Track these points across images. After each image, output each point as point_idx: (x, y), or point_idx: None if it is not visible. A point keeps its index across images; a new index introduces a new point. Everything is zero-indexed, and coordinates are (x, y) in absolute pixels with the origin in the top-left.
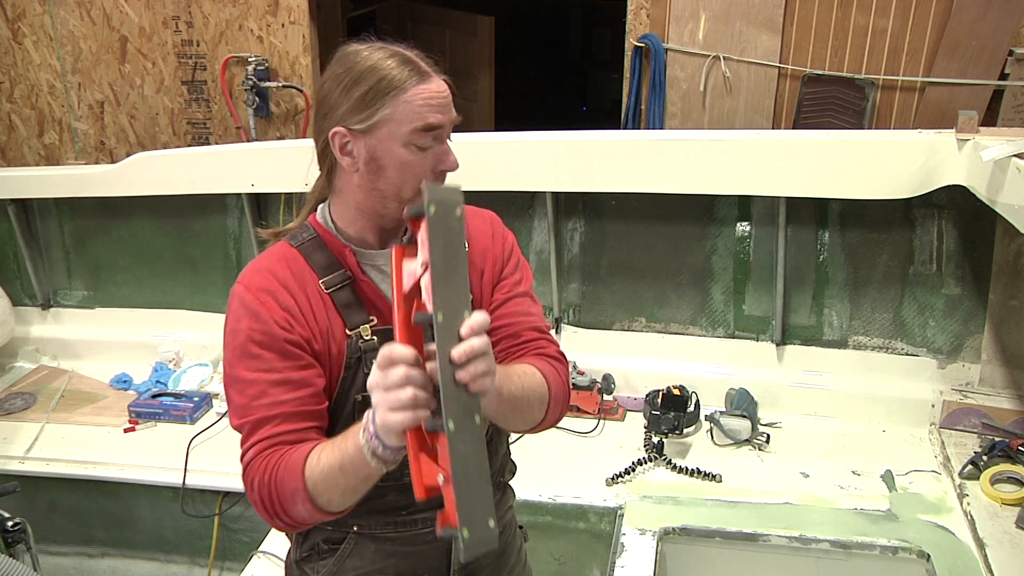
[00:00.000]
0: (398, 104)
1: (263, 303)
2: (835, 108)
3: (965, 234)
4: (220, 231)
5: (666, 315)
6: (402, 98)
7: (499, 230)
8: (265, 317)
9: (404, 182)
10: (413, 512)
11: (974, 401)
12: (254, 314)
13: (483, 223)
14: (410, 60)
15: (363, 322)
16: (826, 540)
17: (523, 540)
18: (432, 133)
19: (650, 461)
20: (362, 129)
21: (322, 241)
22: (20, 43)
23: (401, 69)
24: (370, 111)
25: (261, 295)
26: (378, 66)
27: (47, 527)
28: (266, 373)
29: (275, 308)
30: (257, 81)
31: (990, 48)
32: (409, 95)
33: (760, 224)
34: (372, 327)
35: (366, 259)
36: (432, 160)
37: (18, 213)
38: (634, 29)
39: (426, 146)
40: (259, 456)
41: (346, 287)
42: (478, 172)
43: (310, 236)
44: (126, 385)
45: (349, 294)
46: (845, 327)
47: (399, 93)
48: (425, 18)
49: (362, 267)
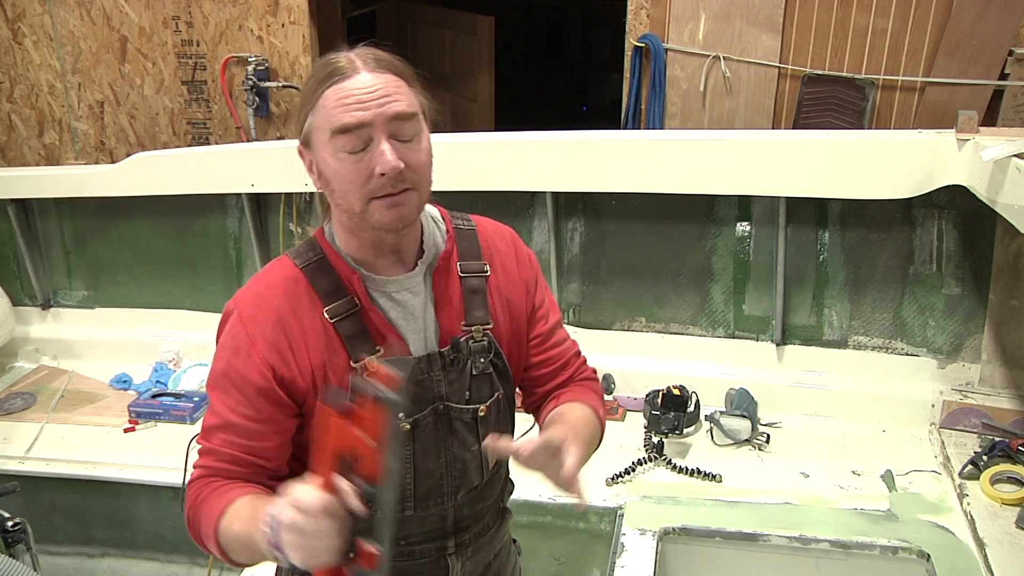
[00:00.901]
0: (317, 111)
1: (251, 341)
2: (835, 108)
3: (965, 234)
4: (220, 231)
5: (666, 315)
6: (319, 103)
7: (522, 252)
8: (244, 355)
9: (346, 192)
10: (412, 542)
11: (974, 401)
12: (236, 350)
13: (504, 244)
14: (336, 62)
15: (369, 353)
16: (826, 540)
17: (517, 554)
18: (353, 135)
19: (650, 461)
20: (306, 144)
21: (329, 263)
22: (20, 43)
23: (323, 73)
24: (304, 125)
25: (251, 328)
26: (311, 76)
27: (47, 527)
28: (230, 412)
29: (260, 348)
30: (257, 81)
31: (990, 48)
32: (324, 98)
33: (760, 224)
34: (379, 358)
35: (375, 286)
36: (367, 164)
37: (18, 213)
38: (634, 29)
39: (355, 149)
40: (199, 480)
41: (352, 316)
42: (478, 172)
43: (316, 256)
44: (126, 385)
45: (355, 324)
46: (845, 327)
47: (317, 99)
48: (425, 18)
49: (371, 294)
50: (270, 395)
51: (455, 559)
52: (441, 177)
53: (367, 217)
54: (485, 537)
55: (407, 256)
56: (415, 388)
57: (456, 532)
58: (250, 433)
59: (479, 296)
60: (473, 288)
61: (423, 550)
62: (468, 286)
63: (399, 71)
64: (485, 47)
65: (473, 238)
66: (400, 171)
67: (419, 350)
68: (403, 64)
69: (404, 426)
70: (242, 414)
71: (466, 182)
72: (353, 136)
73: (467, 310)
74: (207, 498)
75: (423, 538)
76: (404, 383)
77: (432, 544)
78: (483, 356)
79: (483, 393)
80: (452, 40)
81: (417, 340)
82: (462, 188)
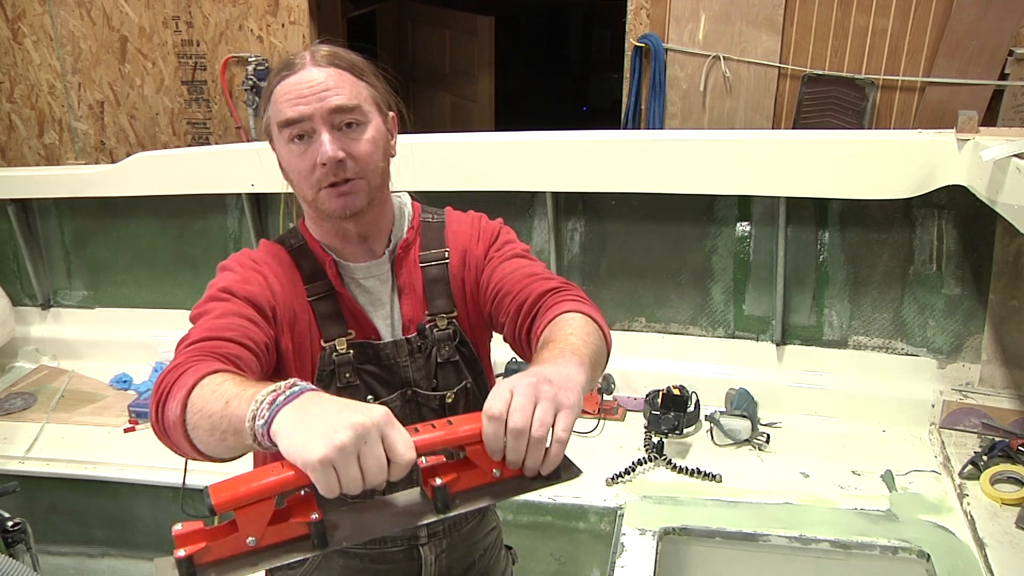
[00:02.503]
0: (271, 105)
1: (246, 272)
2: (835, 108)
3: (965, 234)
4: (220, 231)
5: (666, 315)
6: (272, 98)
7: (485, 229)
8: (241, 275)
9: (299, 183)
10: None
11: (974, 401)
12: (233, 271)
13: (467, 228)
14: (291, 58)
15: (340, 335)
16: (826, 540)
17: (510, 562)
18: (296, 127)
19: (650, 461)
20: (268, 138)
21: (309, 248)
22: (20, 43)
23: (278, 68)
24: (264, 119)
25: (248, 264)
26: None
27: (47, 527)
28: (223, 308)
29: (258, 276)
30: (257, 81)
31: (990, 48)
32: (275, 93)
33: (760, 224)
34: (348, 340)
35: (346, 271)
36: (311, 155)
37: (18, 213)
38: (634, 29)
39: (300, 141)
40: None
41: (328, 298)
42: (478, 172)
43: (298, 242)
44: (126, 385)
45: (330, 305)
46: (845, 327)
47: (270, 94)
48: (425, 18)
49: (343, 279)
50: (264, 308)
51: (427, 550)
52: (441, 177)
53: (318, 205)
54: (461, 532)
55: (375, 245)
56: (382, 372)
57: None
58: (247, 319)
59: (441, 284)
60: (434, 277)
61: (394, 539)
62: (429, 275)
63: (350, 65)
64: (485, 47)
65: (439, 229)
66: (341, 160)
67: (387, 336)
68: (360, 59)
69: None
70: (237, 310)
71: (466, 182)
72: (297, 128)
73: (429, 299)
74: (187, 371)
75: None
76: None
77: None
78: (448, 343)
79: (450, 380)
80: (452, 40)
81: (385, 326)
82: (462, 188)
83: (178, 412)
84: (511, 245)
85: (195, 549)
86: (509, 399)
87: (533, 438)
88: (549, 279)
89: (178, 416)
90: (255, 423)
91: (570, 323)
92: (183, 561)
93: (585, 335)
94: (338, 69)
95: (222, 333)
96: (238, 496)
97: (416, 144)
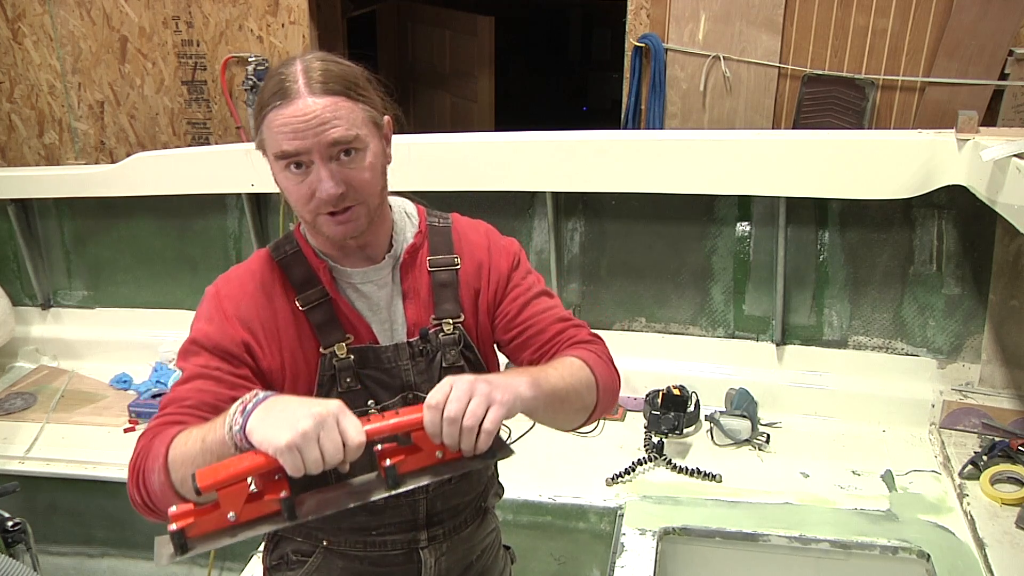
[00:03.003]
0: (264, 129)
1: (224, 316)
2: (835, 108)
3: (965, 234)
4: (220, 231)
5: (666, 315)
6: (265, 123)
7: (499, 243)
8: (218, 324)
9: (296, 206)
10: (383, 532)
11: (974, 401)
12: (210, 319)
13: (478, 237)
14: (284, 80)
15: (339, 340)
16: (826, 540)
17: (509, 562)
18: (291, 160)
19: (650, 461)
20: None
21: (302, 255)
22: (20, 43)
23: (271, 90)
24: (258, 135)
25: (226, 304)
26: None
27: (47, 527)
28: (199, 368)
29: (233, 322)
30: (257, 81)
31: (990, 48)
32: (269, 119)
33: (760, 224)
34: (348, 345)
35: (341, 276)
36: (309, 185)
37: (18, 213)
38: (634, 29)
39: (297, 171)
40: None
41: (322, 305)
42: (478, 172)
43: (292, 249)
44: (126, 385)
45: (325, 312)
46: (845, 327)
47: (263, 118)
48: (425, 18)
49: (337, 285)
50: (240, 360)
51: (428, 553)
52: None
53: (317, 227)
54: (461, 534)
55: (374, 252)
56: (383, 375)
57: (429, 526)
58: (220, 382)
59: (449, 290)
60: (443, 282)
61: (394, 542)
62: (437, 280)
63: (346, 87)
64: (485, 47)
65: (446, 234)
66: (341, 194)
67: (385, 340)
68: (352, 72)
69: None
70: (212, 368)
71: (466, 182)
72: (293, 160)
73: (436, 303)
74: (154, 446)
75: (394, 529)
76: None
77: (403, 536)
78: (453, 348)
79: None
80: (452, 40)
81: (383, 331)
82: (462, 188)
83: (163, 478)
84: (532, 277)
85: (185, 523)
86: (448, 392)
87: (464, 427)
88: (580, 327)
89: (164, 481)
90: (232, 431)
91: (563, 361)
92: (176, 534)
93: (567, 374)
94: (334, 97)
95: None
96: (219, 479)
97: (416, 144)
